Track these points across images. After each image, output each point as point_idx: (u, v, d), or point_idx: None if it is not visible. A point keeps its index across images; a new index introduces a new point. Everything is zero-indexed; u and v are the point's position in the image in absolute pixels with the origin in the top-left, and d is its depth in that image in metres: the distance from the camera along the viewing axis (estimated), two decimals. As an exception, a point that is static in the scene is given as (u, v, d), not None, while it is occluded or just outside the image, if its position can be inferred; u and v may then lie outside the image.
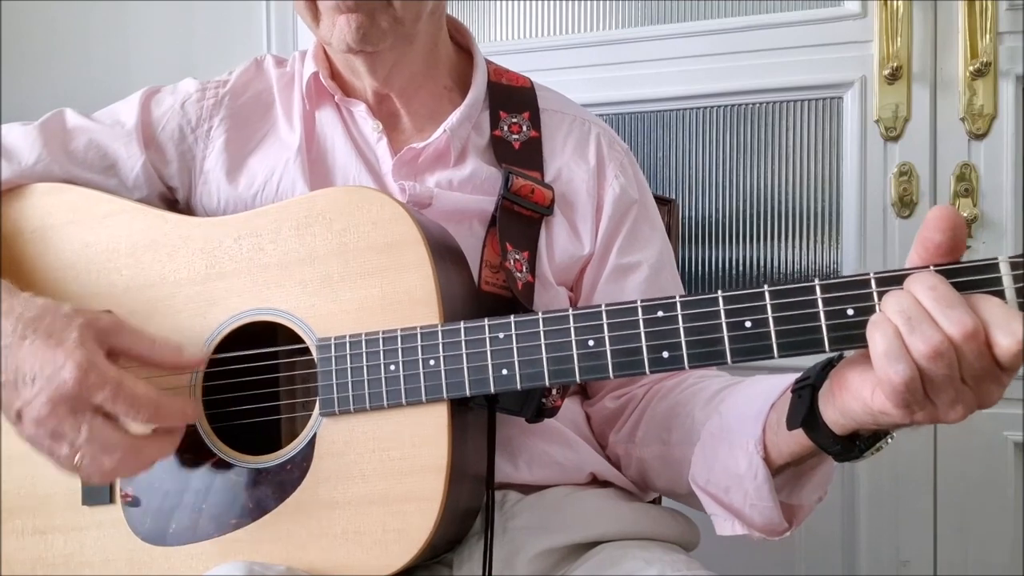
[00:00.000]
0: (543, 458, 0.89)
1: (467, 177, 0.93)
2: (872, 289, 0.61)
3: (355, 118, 0.96)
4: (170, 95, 0.97)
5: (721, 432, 0.79)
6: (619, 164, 0.98)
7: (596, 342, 0.69)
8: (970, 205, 1.38)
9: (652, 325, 0.67)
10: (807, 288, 0.63)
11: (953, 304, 0.57)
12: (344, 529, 0.75)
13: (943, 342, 0.56)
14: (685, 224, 1.55)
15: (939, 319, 0.56)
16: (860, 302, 0.61)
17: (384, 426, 0.75)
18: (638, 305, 0.68)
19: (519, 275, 0.87)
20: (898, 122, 1.42)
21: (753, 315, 0.65)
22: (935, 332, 0.56)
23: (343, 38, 0.85)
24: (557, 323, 0.70)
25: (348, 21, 0.84)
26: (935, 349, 0.56)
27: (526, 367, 0.71)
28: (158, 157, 0.95)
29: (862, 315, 0.61)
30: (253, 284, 0.81)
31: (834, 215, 1.49)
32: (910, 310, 0.57)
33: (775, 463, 0.73)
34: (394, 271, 0.76)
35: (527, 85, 1.01)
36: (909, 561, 1.43)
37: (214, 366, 0.81)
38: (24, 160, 0.91)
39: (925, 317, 0.57)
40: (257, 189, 0.93)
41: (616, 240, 0.95)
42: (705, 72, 1.52)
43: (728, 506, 0.78)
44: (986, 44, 1.36)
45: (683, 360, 0.66)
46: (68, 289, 0.86)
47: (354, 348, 0.76)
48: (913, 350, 0.57)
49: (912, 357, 0.57)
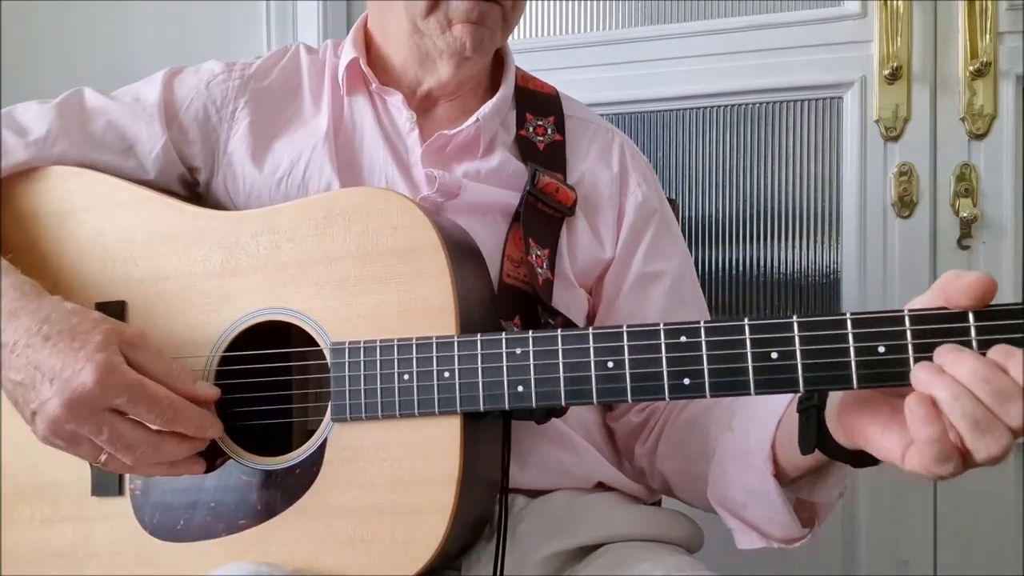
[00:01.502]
0: (551, 462, 0.89)
1: (494, 169, 0.92)
2: (906, 327, 0.59)
3: (388, 107, 0.95)
4: (193, 75, 0.96)
5: (734, 450, 0.79)
6: (642, 174, 0.98)
7: (616, 364, 0.67)
8: (970, 205, 1.38)
9: (674, 351, 0.66)
10: (837, 322, 0.61)
11: (1010, 396, 0.54)
12: (352, 536, 0.74)
13: (1009, 445, 0.54)
14: (685, 224, 1.55)
15: (1000, 415, 0.54)
16: (893, 339, 0.60)
17: (395, 435, 0.74)
18: (661, 328, 0.66)
19: (540, 271, 0.86)
20: (898, 122, 1.42)
21: (780, 347, 0.63)
22: (1003, 435, 0.54)
23: (461, 45, 0.87)
24: (576, 341, 0.69)
25: (474, 32, 0.86)
26: (1003, 452, 0.54)
27: (542, 385, 0.70)
28: (181, 137, 0.93)
29: (894, 353, 0.59)
30: (269, 282, 0.79)
31: (834, 215, 1.48)
32: (975, 412, 0.54)
33: (789, 476, 0.73)
34: (412, 277, 0.75)
35: (552, 93, 1.02)
36: (909, 561, 1.44)
37: (227, 364, 0.80)
38: (41, 141, 0.89)
39: (992, 421, 0.54)
40: (283, 174, 0.92)
41: (639, 247, 0.95)
42: (705, 72, 1.52)
43: (747, 521, 0.79)
44: (986, 44, 1.36)
45: (704, 388, 0.65)
46: (82, 277, 0.85)
47: (368, 354, 0.74)
48: (976, 454, 0.55)
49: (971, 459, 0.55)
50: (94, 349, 0.70)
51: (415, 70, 0.94)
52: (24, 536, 0.84)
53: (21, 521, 0.85)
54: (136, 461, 0.72)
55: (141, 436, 0.72)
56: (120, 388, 0.70)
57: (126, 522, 0.81)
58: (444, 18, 0.87)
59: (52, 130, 0.90)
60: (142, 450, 0.72)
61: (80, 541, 0.82)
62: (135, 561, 0.80)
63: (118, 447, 0.71)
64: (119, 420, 0.71)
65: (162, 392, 0.72)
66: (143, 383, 0.71)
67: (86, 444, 0.72)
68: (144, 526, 0.80)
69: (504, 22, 0.89)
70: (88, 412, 0.70)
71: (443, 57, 0.91)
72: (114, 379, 0.70)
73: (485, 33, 0.87)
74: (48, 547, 0.83)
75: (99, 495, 0.82)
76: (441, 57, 0.91)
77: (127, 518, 0.81)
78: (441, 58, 0.91)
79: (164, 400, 0.71)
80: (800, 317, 0.62)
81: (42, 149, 0.89)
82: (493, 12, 0.87)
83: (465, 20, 0.86)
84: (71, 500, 0.83)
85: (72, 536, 0.83)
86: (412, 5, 0.88)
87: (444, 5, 0.86)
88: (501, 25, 0.89)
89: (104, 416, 0.70)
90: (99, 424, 0.70)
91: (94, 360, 0.69)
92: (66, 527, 0.83)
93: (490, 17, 0.87)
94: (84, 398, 0.69)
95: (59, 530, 0.83)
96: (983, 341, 0.57)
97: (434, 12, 0.87)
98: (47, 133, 0.90)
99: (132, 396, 0.70)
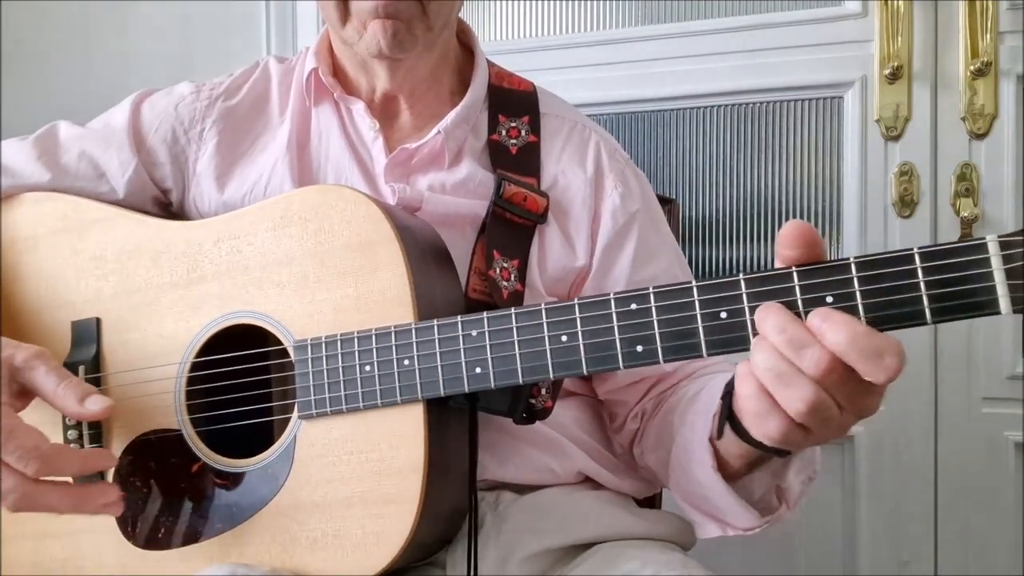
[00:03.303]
0: (535, 463, 0.88)
1: (460, 181, 0.90)
2: (852, 275, 0.58)
3: (353, 116, 0.94)
4: (164, 97, 0.97)
5: (684, 446, 0.79)
6: (619, 174, 0.94)
7: (569, 337, 0.67)
8: (971, 205, 1.38)
9: (625, 318, 0.65)
10: (784, 275, 0.60)
11: (805, 343, 0.56)
12: (324, 532, 0.74)
13: (815, 398, 0.56)
14: (685, 224, 1.54)
15: (797, 362, 0.56)
16: (841, 287, 0.58)
17: (361, 428, 0.74)
18: (611, 298, 0.66)
19: (505, 284, 0.84)
20: (899, 122, 1.42)
21: (728, 305, 0.62)
22: (806, 386, 0.56)
23: (376, 44, 0.84)
24: (530, 318, 0.68)
25: (384, 27, 0.83)
26: (809, 405, 0.57)
27: (500, 364, 0.69)
28: (150, 160, 0.95)
29: (841, 301, 0.58)
30: (233, 287, 0.80)
31: (835, 215, 1.48)
32: (777, 365, 0.57)
33: (733, 466, 0.72)
34: (369, 270, 0.75)
35: (529, 89, 0.98)
36: (909, 561, 1.43)
37: (198, 370, 0.81)
38: (19, 176, 0.93)
39: (793, 373, 0.57)
40: (246, 191, 0.92)
41: (621, 255, 0.92)
42: (705, 72, 1.52)
43: (709, 513, 0.78)
44: (987, 44, 1.35)
45: (657, 354, 0.64)
46: (57, 296, 0.87)
47: (330, 349, 0.75)
48: (788, 409, 0.58)
49: (787, 415, 0.58)
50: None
51: (363, 78, 0.93)
52: (17, 553, 0.86)
53: (15, 538, 0.86)
54: (13, 506, 0.70)
55: (12, 483, 0.69)
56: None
57: (109, 534, 0.82)
58: (358, 22, 0.85)
59: (29, 164, 0.92)
60: (13, 497, 0.70)
61: (69, 556, 0.84)
62: (120, 572, 0.81)
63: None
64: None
65: (31, 441, 0.69)
66: (12, 429, 0.69)
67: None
68: (126, 536, 0.81)
69: (425, 15, 0.85)
70: None
71: (374, 61, 0.89)
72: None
73: (400, 27, 0.84)
74: (40, 563, 0.85)
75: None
76: (373, 62, 0.90)
77: (110, 530, 0.82)
78: (373, 63, 0.90)
79: (33, 451, 0.69)
80: (746, 275, 0.61)
81: (19, 182, 0.92)
82: (403, 6, 0.84)
83: (375, 16, 0.83)
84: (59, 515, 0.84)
85: (61, 550, 0.84)
86: (330, 18, 0.87)
87: (354, 9, 0.85)
88: (420, 18, 0.85)
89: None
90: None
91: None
92: (55, 542, 0.84)
93: (401, 11, 0.84)
94: None
95: (49, 545, 0.84)
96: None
97: (348, 20, 0.86)
98: (24, 166, 0.92)
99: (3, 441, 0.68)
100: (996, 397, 1.38)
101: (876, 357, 0.54)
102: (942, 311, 0.57)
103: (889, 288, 0.57)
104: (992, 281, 0.55)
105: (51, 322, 0.87)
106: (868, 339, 0.55)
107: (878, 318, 0.58)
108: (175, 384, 0.81)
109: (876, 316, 0.58)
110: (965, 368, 1.40)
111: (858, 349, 0.54)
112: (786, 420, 0.58)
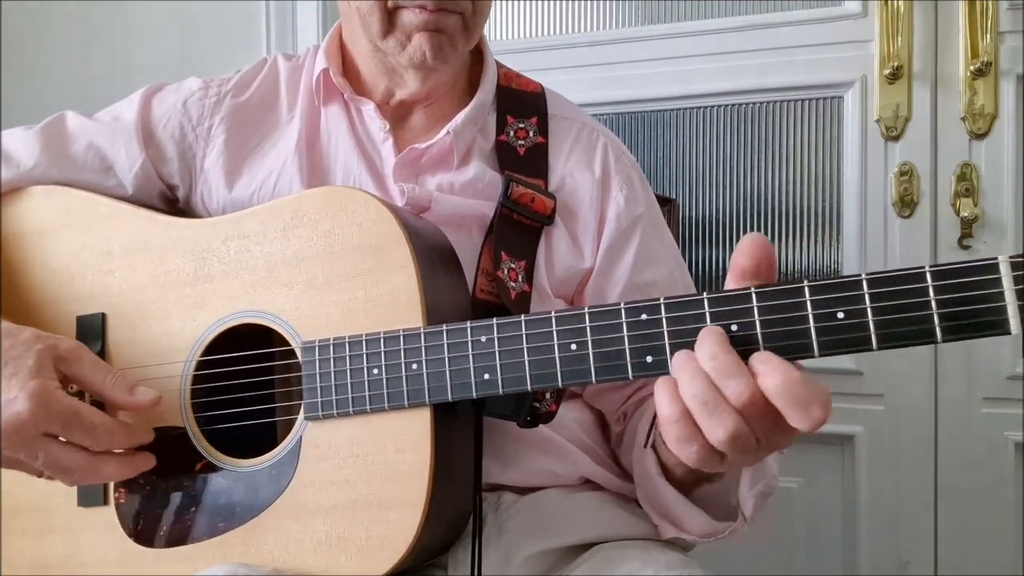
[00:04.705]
0: (538, 467, 0.88)
1: (469, 181, 0.91)
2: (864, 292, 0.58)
3: (363, 116, 0.94)
4: (173, 93, 0.97)
5: (639, 453, 0.82)
6: (625, 177, 0.94)
7: (579, 345, 0.67)
8: (971, 205, 1.38)
9: (635, 328, 0.65)
10: (795, 290, 0.60)
11: (732, 373, 0.57)
12: (328, 534, 0.74)
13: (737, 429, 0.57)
14: (685, 224, 1.55)
15: (723, 390, 0.57)
16: (852, 304, 0.59)
17: (368, 431, 0.74)
18: (622, 307, 0.65)
19: (513, 285, 0.84)
20: (899, 122, 1.42)
21: (740, 318, 0.62)
22: (728, 416, 0.57)
23: (421, 55, 0.85)
24: (540, 326, 0.68)
25: (431, 40, 0.84)
26: (730, 434, 0.58)
27: (508, 371, 0.69)
28: (158, 155, 0.94)
29: (852, 318, 0.59)
30: (241, 286, 0.80)
31: (835, 215, 1.48)
32: (705, 393, 0.58)
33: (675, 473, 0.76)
34: (378, 273, 0.75)
35: (537, 90, 0.99)
36: (909, 561, 1.43)
37: (203, 368, 0.81)
38: (23, 165, 0.92)
39: (718, 401, 0.58)
40: (255, 189, 0.92)
41: (624, 256, 0.92)
42: (705, 72, 1.52)
43: (672, 520, 0.82)
44: (987, 44, 1.36)
45: (667, 365, 0.64)
46: (63, 291, 0.87)
47: (337, 351, 0.75)
48: (710, 436, 0.59)
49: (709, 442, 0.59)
50: (27, 376, 0.71)
51: (385, 82, 0.93)
52: (18, 548, 0.85)
53: (15, 534, 0.86)
54: (76, 480, 0.74)
55: (77, 460, 0.73)
56: (54, 417, 0.71)
57: (112, 531, 0.82)
58: (403, 35, 0.85)
59: (35, 154, 0.92)
60: (79, 473, 0.73)
61: (70, 552, 0.83)
62: (121, 569, 0.81)
63: (55, 470, 0.73)
64: (54, 445, 0.72)
65: (97, 418, 0.73)
66: (77, 411, 0.72)
67: (25, 466, 0.74)
68: (129, 534, 0.81)
69: (465, 29, 0.87)
70: (21, 440, 0.71)
71: (408, 70, 0.90)
72: (48, 408, 0.70)
73: (444, 40, 0.85)
74: (40, 559, 0.84)
75: (85, 505, 0.83)
76: (407, 70, 0.90)
77: (112, 527, 0.82)
78: (407, 71, 0.90)
79: (99, 427, 0.73)
80: (757, 288, 0.61)
81: (24, 172, 0.92)
82: (450, 21, 0.85)
83: (423, 29, 0.84)
84: (60, 511, 0.84)
85: (62, 547, 0.84)
86: (370, 28, 0.87)
87: (399, 22, 0.85)
88: (462, 32, 0.87)
89: (39, 442, 0.71)
90: (34, 450, 0.71)
91: (27, 389, 0.70)
92: (56, 538, 0.84)
93: (448, 25, 0.85)
94: (17, 428, 0.70)
95: (50, 542, 0.84)
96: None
97: (391, 33, 0.86)
98: (29, 156, 0.92)
99: (66, 423, 0.71)
100: (996, 397, 1.39)
101: (804, 406, 0.56)
102: (953, 330, 0.57)
103: (900, 306, 0.58)
104: (1003, 301, 0.56)
105: (56, 317, 0.86)
106: (799, 387, 0.56)
107: (888, 335, 0.58)
108: (180, 382, 0.81)
109: (886, 333, 0.58)
110: (965, 368, 1.40)
111: (789, 395, 0.56)
112: (706, 447, 0.60)
